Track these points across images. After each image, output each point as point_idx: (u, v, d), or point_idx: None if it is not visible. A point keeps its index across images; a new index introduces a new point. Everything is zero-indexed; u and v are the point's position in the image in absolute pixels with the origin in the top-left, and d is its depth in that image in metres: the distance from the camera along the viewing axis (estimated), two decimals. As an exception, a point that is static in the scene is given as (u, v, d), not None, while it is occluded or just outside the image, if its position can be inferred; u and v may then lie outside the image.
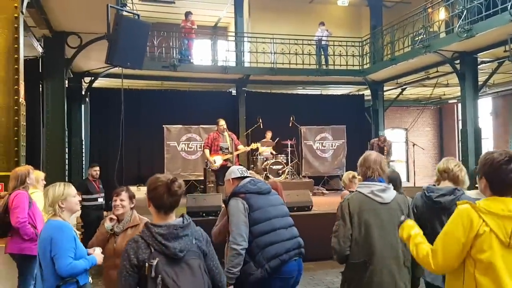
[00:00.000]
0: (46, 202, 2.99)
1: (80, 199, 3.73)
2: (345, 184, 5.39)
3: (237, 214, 3.21)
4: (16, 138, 4.61)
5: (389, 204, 2.96)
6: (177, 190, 2.25)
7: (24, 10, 4.96)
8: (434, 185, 3.39)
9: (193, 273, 2.18)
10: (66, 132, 8.15)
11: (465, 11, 8.84)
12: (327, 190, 12.09)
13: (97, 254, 3.18)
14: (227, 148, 8.31)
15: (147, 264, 2.10)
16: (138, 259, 2.13)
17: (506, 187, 2.03)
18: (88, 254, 3.12)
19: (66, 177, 8.03)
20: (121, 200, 3.46)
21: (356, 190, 3.08)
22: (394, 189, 3.12)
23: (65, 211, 3.02)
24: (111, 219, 3.44)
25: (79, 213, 7.49)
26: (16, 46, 4.74)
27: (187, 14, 12.33)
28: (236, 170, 3.56)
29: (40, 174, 5.01)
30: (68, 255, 2.89)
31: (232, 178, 3.49)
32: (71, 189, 3.08)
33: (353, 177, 5.15)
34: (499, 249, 1.95)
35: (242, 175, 3.49)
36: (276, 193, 3.59)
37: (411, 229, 2.35)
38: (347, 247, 2.93)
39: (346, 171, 6.96)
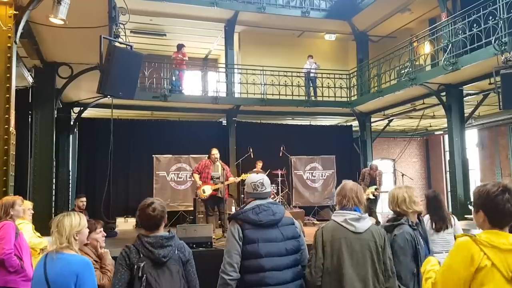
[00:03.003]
0: (63, 234, 2.68)
1: None
2: None
3: (231, 241, 2.99)
4: (5, 168, 4.52)
5: (362, 234, 2.92)
6: (151, 213, 2.75)
7: (17, 40, 4.98)
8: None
9: (172, 276, 2.70)
10: (54, 163, 8.05)
11: (450, 45, 9.10)
12: (317, 220, 11.99)
13: None
14: (218, 178, 8.16)
15: (135, 266, 2.62)
16: (130, 260, 2.65)
17: (505, 218, 2.03)
18: None
19: (53, 208, 7.87)
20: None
21: (331, 219, 3.07)
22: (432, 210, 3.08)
23: (78, 244, 2.78)
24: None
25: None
26: (8, 75, 4.72)
27: (180, 46, 12.48)
28: (250, 184, 3.18)
29: (28, 204, 4.89)
30: None
31: (246, 192, 3.26)
32: (85, 220, 2.88)
33: None
34: (501, 283, 1.92)
35: (255, 191, 3.15)
36: (291, 223, 3.16)
37: (427, 263, 2.35)
38: (318, 277, 2.88)
39: (337, 201, 6.91)
